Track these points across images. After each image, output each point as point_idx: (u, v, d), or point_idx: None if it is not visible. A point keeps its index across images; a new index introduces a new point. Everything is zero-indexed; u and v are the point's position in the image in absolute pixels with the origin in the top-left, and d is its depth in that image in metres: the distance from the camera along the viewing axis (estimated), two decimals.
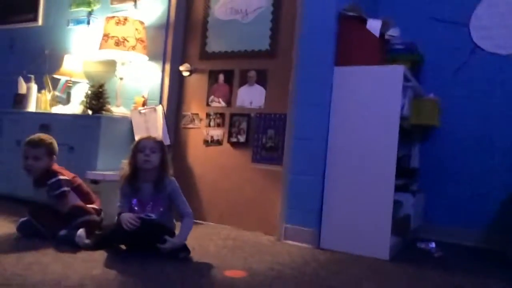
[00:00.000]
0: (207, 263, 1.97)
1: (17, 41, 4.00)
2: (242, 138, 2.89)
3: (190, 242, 2.10)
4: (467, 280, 2.04)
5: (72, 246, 2.02)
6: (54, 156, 2.28)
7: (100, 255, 1.95)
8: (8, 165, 3.20)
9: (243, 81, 2.94)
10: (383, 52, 2.68)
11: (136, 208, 2.10)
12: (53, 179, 2.20)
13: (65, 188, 2.21)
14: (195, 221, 2.84)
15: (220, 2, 3.07)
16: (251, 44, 2.91)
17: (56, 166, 2.28)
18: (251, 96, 2.90)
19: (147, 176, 2.12)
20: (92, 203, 2.33)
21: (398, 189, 2.43)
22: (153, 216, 2.08)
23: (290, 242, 2.52)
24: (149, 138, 2.16)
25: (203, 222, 2.98)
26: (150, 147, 2.10)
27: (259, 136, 2.83)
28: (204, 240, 2.40)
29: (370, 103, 2.41)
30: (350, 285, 1.82)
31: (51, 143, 2.27)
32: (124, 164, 2.15)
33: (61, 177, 2.22)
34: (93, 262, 1.84)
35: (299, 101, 2.58)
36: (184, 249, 2.01)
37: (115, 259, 1.92)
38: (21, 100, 3.37)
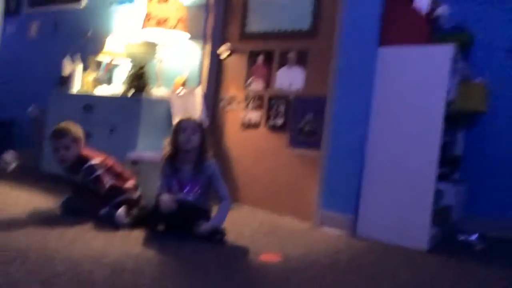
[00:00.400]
0: (241, 246, 1.97)
1: (61, 23, 4.11)
2: (280, 122, 2.85)
3: (225, 225, 2.10)
4: (509, 274, 1.93)
5: (112, 224, 2.07)
6: (82, 141, 2.29)
7: (139, 234, 1.99)
8: None
9: (283, 63, 2.88)
10: (431, 32, 2.53)
11: (175, 188, 2.13)
12: (86, 165, 2.22)
13: (99, 172, 2.23)
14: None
15: None
16: (291, 24, 2.84)
17: (85, 151, 2.30)
18: (290, 78, 2.84)
19: (188, 157, 2.13)
20: (126, 181, 2.37)
21: (439, 178, 2.32)
22: (190, 198, 2.11)
23: (326, 228, 2.48)
24: (190, 119, 2.17)
25: (240, 205, 2.99)
26: (192, 127, 2.11)
27: (297, 120, 2.78)
28: (239, 224, 2.40)
29: (414, 86, 2.29)
30: (386, 275, 1.77)
31: (75, 130, 2.27)
32: (165, 145, 2.18)
33: (93, 161, 2.24)
34: (132, 241, 1.89)
35: (340, 83, 2.49)
36: (220, 231, 2.02)
37: (153, 239, 1.95)
38: (65, 81, 3.47)
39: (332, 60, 2.54)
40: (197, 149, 2.14)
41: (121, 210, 2.10)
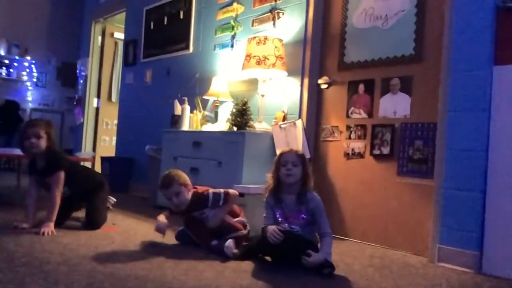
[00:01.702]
0: (353, 281, 1.88)
1: (173, 68, 4.50)
2: (385, 150, 2.73)
3: (333, 259, 2.04)
4: None
5: (222, 255, 2.13)
6: (189, 183, 2.38)
7: (248, 266, 2.02)
8: None
9: (385, 90, 2.79)
10: None
11: (280, 219, 2.14)
12: (211, 197, 2.33)
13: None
14: (337, 237, 2.78)
15: (358, 11, 2.99)
16: (393, 50, 2.76)
17: (197, 188, 2.42)
18: (394, 105, 2.73)
19: (290, 188, 2.15)
20: (237, 216, 2.44)
21: None
22: (296, 228, 2.09)
23: (444, 265, 2.26)
24: (290, 151, 2.19)
25: (345, 238, 2.88)
26: (292, 161, 2.13)
27: (405, 148, 2.64)
28: (347, 257, 2.31)
29: None
30: None
31: (178, 175, 2.37)
32: (268, 177, 2.22)
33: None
34: (242, 272, 1.91)
35: (451, 107, 2.33)
36: (329, 265, 1.96)
37: (262, 270, 1.96)
38: (176, 120, 3.75)
39: (441, 84, 2.40)
40: (299, 181, 2.14)
41: (230, 242, 2.16)
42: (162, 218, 2.42)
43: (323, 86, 3.15)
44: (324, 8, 3.20)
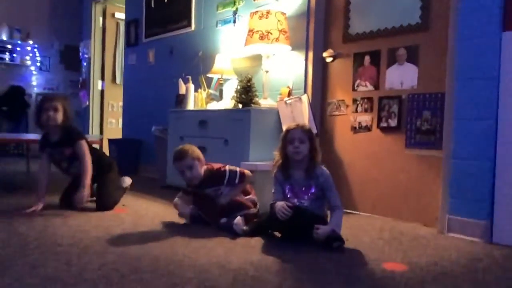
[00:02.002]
0: (362, 254, 1.89)
1: (176, 47, 4.45)
2: (393, 123, 2.70)
3: (343, 232, 2.04)
4: None
5: (231, 233, 2.15)
6: (202, 158, 2.38)
7: (257, 242, 2.03)
8: None
9: (392, 61, 2.73)
10: None
11: (289, 195, 2.14)
12: (227, 174, 2.34)
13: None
14: (346, 211, 2.78)
15: None
16: (399, 19, 2.69)
17: (211, 165, 2.42)
18: (401, 76, 2.68)
19: (298, 164, 2.15)
20: (248, 194, 2.44)
21: None
22: (305, 203, 2.10)
23: (454, 235, 2.26)
24: (297, 128, 2.17)
25: (354, 212, 2.89)
26: (299, 137, 2.11)
27: (412, 119, 2.60)
28: (357, 231, 2.31)
29: None
30: None
31: (192, 149, 2.37)
32: (276, 154, 2.21)
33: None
34: (251, 248, 1.93)
35: (459, 76, 2.28)
36: (338, 238, 1.96)
37: (271, 246, 1.97)
38: (181, 100, 3.73)
39: (448, 52, 2.35)
40: (307, 156, 2.13)
41: (239, 219, 2.17)
42: (180, 204, 2.43)
43: (328, 60, 3.09)
44: None
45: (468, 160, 2.24)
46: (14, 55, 6.38)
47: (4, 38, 6.23)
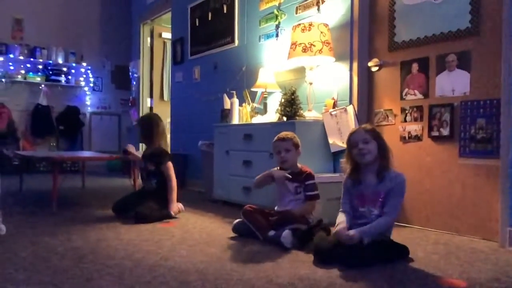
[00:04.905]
0: (418, 269, 1.81)
1: (220, 63, 4.54)
2: (445, 131, 2.59)
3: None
4: None
5: (279, 246, 2.12)
6: (299, 150, 2.44)
7: (306, 256, 1.99)
8: (221, 173, 3.63)
9: (441, 68, 2.64)
10: None
11: (356, 202, 2.04)
12: (312, 181, 2.38)
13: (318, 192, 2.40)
14: (398, 224, 2.68)
15: None
16: (447, 25, 2.60)
17: (305, 166, 2.46)
18: (452, 83, 2.57)
19: (369, 167, 2.02)
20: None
21: None
22: (374, 211, 1.97)
23: None
24: (358, 129, 2.08)
25: (406, 225, 2.78)
26: (362, 139, 2.00)
27: (466, 127, 2.49)
28: (410, 245, 2.21)
29: None
30: None
31: (295, 138, 2.45)
32: (343, 162, 2.17)
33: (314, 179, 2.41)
34: (300, 262, 1.90)
35: None
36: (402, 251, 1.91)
37: (319, 262, 1.93)
38: (226, 114, 3.78)
39: (503, 57, 2.23)
40: (376, 156, 2.00)
41: (287, 233, 2.14)
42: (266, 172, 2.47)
43: (374, 69, 3.03)
44: None
45: None
46: (69, 77, 6.75)
47: (60, 61, 6.62)
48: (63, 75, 6.66)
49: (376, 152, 1.99)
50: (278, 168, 2.47)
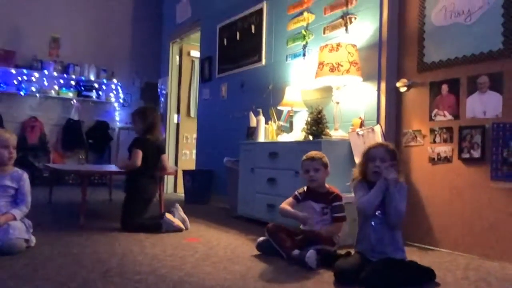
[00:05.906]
0: None
1: (247, 81, 4.60)
2: (476, 153, 2.53)
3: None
4: None
5: (303, 266, 2.10)
6: (328, 170, 2.45)
7: (330, 277, 1.96)
8: (245, 190, 3.63)
9: (472, 89, 2.59)
10: None
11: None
12: (339, 202, 2.38)
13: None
14: (425, 246, 2.62)
15: (437, 8, 2.83)
16: (479, 46, 2.56)
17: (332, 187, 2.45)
18: (484, 105, 2.53)
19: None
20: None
21: None
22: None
23: None
24: (380, 146, 2.09)
25: (435, 248, 2.70)
26: (381, 156, 2.02)
27: (498, 150, 2.42)
28: (439, 269, 2.15)
29: None
30: None
31: (325, 158, 2.45)
32: (354, 171, 2.16)
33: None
34: (324, 283, 1.88)
35: None
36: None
37: (345, 285, 1.89)
38: (252, 132, 3.81)
39: None
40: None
41: (311, 253, 2.12)
42: (294, 210, 2.41)
43: (402, 89, 3.01)
44: (399, 8, 3.07)
45: None
46: (100, 92, 6.94)
47: (92, 78, 6.83)
48: (94, 91, 6.86)
49: None
50: (306, 188, 2.46)
